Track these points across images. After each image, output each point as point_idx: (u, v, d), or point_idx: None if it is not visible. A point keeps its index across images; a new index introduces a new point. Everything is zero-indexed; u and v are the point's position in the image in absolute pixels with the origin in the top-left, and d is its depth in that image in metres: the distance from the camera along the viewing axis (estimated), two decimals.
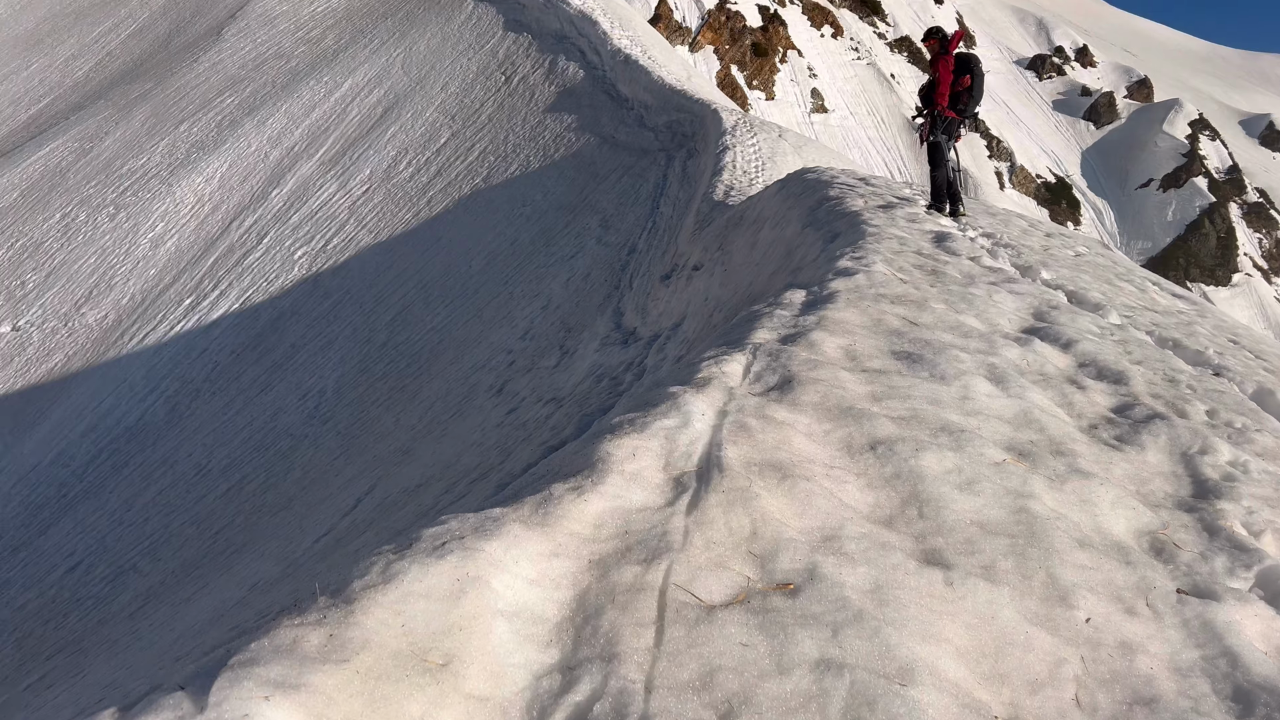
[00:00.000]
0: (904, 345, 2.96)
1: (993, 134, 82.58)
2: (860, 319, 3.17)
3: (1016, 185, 79.65)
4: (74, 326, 13.37)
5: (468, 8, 18.98)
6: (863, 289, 3.57)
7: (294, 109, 17.20)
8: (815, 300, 3.40)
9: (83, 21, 25.25)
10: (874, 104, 77.38)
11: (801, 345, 2.75)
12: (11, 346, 13.52)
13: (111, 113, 18.57)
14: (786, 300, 3.42)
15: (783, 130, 15.59)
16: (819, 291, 3.50)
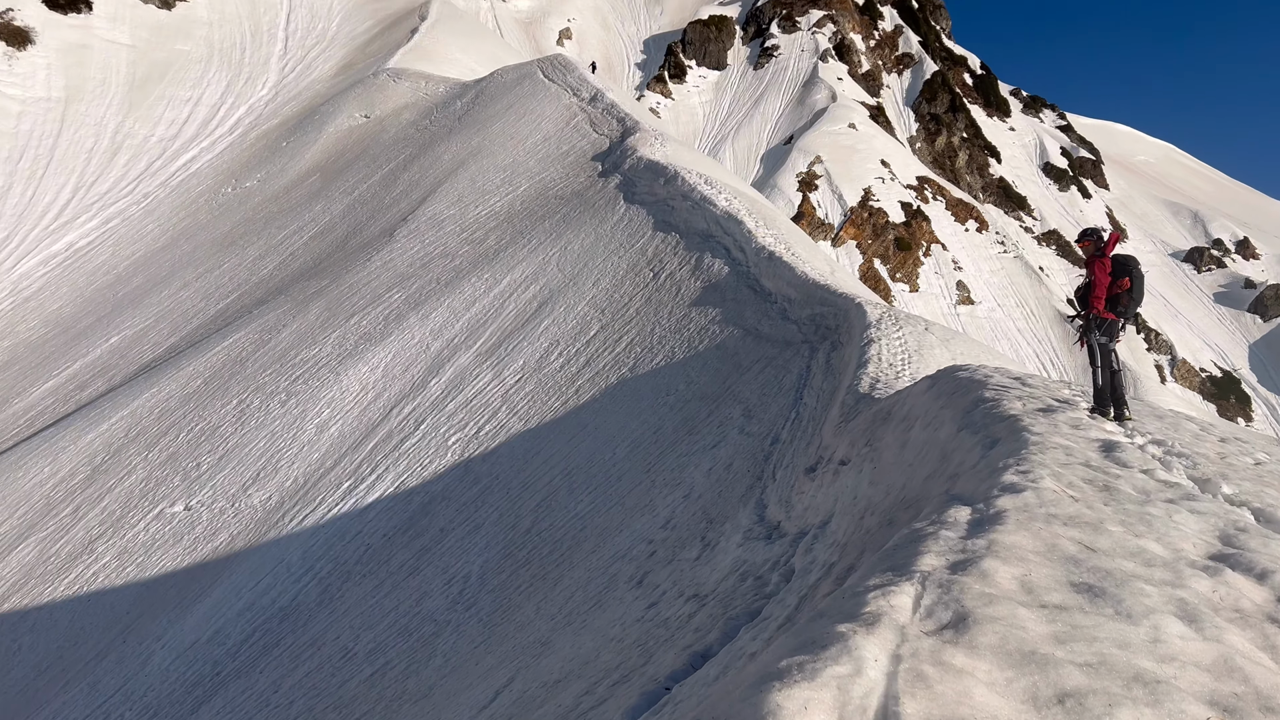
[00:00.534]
0: (1083, 575, 2.80)
1: (1151, 327, 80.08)
2: (1033, 544, 3.04)
3: (1179, 379, 76.41)
4: (240, 507, 14.09)
5: (620, 210, 19.93)
6: (1032, 508, 3.43)
7: (455, 304, 18.19)
8: (982, 520, 3.28)
9: (271, 225, 27.78)
10: (1022, 296, 76.43)
11: (973, 575, 2.64)
12: (182, 525, 14.32)
13: (290, 307, 20.07)
14: (951, 518, 3.32)
15: (929, 323, 15.50)
16: (985, 510, 3.38)
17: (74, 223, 37.70)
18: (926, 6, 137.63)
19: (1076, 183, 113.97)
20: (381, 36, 55.06)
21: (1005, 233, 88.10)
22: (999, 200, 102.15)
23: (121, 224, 37.20)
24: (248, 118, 47.10)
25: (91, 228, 37.30)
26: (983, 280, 77.32)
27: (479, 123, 28.28)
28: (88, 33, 48.08)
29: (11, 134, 40.50)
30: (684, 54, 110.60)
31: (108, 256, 34.09)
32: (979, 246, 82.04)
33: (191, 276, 26.94)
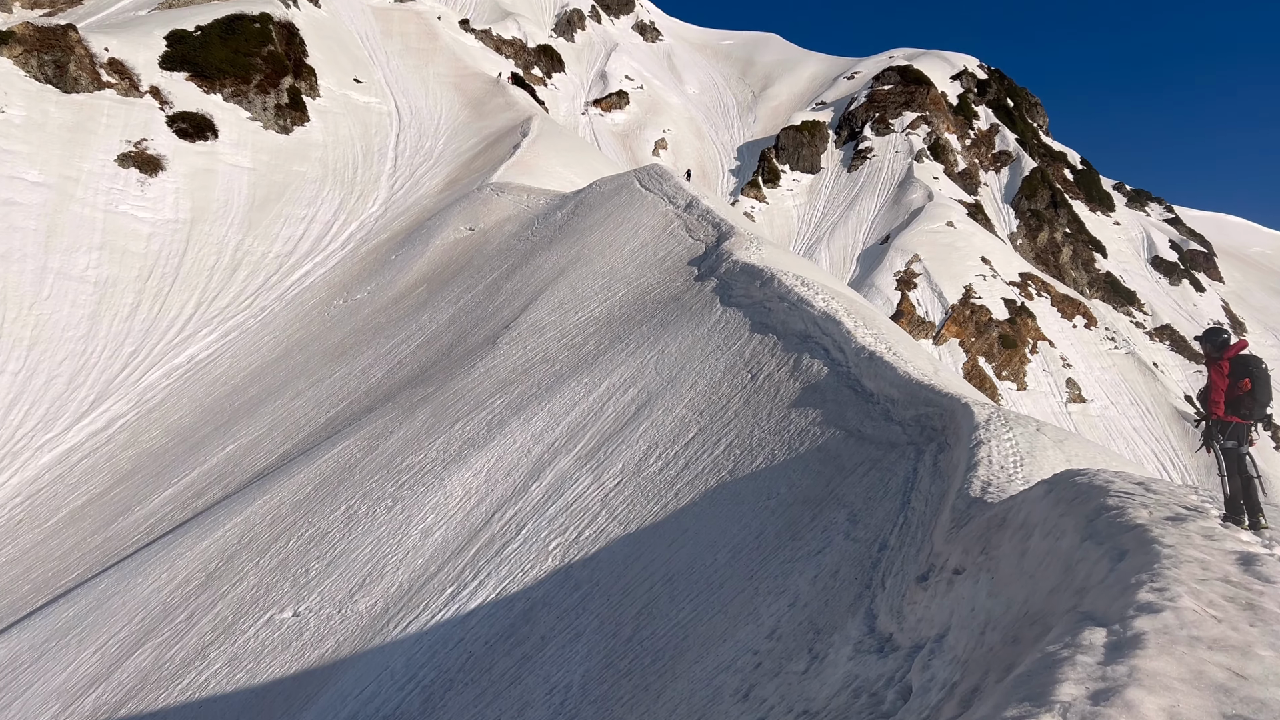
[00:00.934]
0: (1236, 707, 2.59)
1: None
2: (1178, 670, 2.83)
3: None
4: (346, 613, 14.24)
5: (717, 312, 20.01)
6: (1173, 630, 3.21)
7: (556, 408, 18.36)
8: (1120, 643, 3.08)
9: (380, 335, 28.70)
10: (1137, 393, 73.74)
11: (1117, 707, 2.46)
12: (290, 631, 14.51)
13: (398, 414, 20.55)
14: (1085, 640, 3.12)
15: (1040, 423, 14.99)
16: (1122, 632, 3.18)
17: (195, 336, 39.65)
18: (1022, 105, 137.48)
19: (1188, 276, 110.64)
20: (485, 153, 57.37)
21: (1115, 328, 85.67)
22: (1107, 295, 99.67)
23: (239, 336, 38.97)
24: (359, 233, 49.26)
25: (211, 340, 39.15)
26: (1094, 377, 74.95)
27: (578, 232, 28.98)
28: (213, 158, 51.29)
29: (142, 254, 43.10)
30: (777, 159, 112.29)
31: (226, 368, 35.64)
32: (1088, 343, 79.80)
33: (304, 386, 27.91)
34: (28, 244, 39.48)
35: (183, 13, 62.29)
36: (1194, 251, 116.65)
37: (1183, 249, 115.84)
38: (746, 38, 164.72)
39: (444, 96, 72.49)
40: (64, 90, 48.09)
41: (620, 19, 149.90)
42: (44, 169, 43.19)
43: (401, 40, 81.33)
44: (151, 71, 53.26)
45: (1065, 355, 76.28)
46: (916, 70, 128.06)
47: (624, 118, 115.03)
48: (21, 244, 39.29)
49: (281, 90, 59.07)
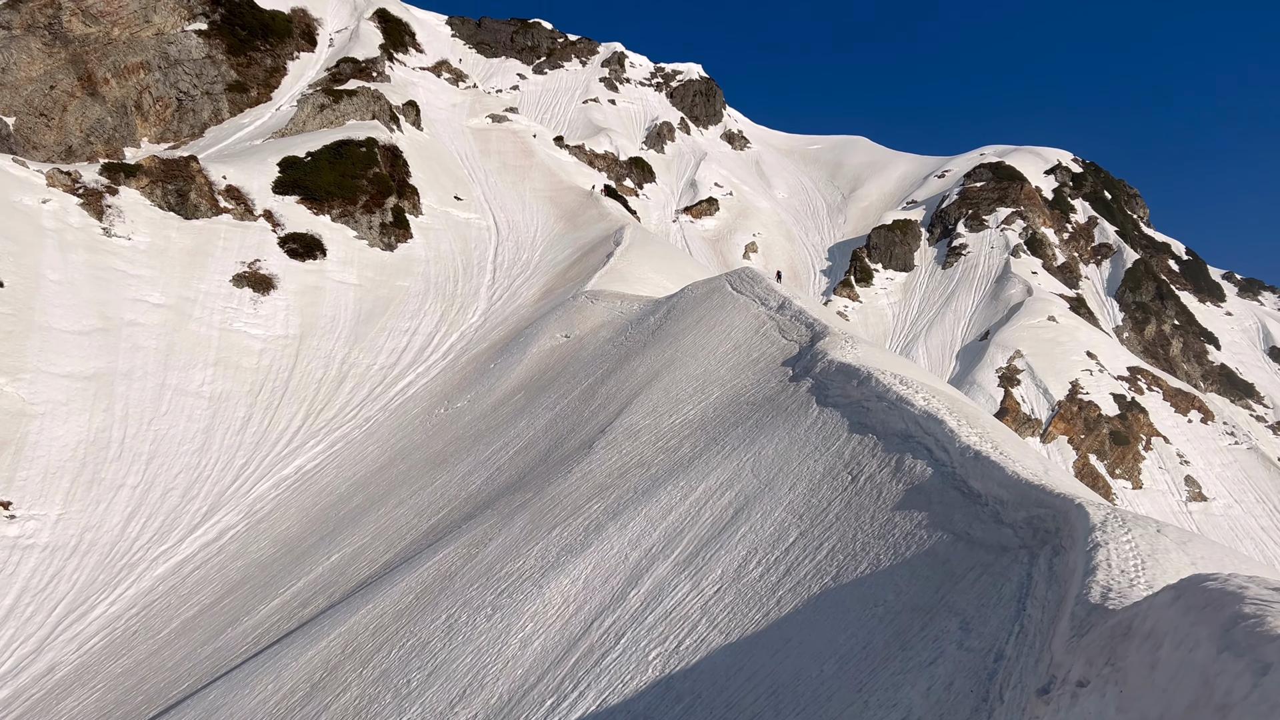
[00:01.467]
0: None
1: None
2: None
3: None
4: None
5: (813, 413, 19.77)
6: None
7: (652, 513, 18.21)
8: None
9: (479, 442, 29.10)
10: (1262, 491, 69.90)
11: None
12: None
13: (496, 520, 20.65)
14: None
15: (1161, 524, 14.21)
16: None
17: (303, 447, 40.83)
18: (1120, 197, 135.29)
19: None
20: (580, 262, 58.70)
21: (1234, 422, 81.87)
22: (1223, 388, 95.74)
23: (345, 447, 39.98)
24: (459, 343, 50.54)
25: (318, 451, 40.24)
26: (1214, 474, 71.42)
27: (671, 336, 29.17)
28: (321, 276, 53.61)
29: (254, 369, 44.91)
30: (869, 258, 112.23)
31: (331, 478, 36.50)
32: (1206, 438, 76.34)
33: (406, 494, 28.34)
34: (149, 362, 41.54)
35: (295, 140, 66.10)
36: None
37: None
38: (834, 141, 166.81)
39: (540, 210, 74.81)
40: (185, 216, 51.15)
41: (709, 129, 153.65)
42: (165, 291, 45.68)
43: (499, 158, 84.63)
44: (265, 196, 56.37)
45: (1182, 451, 73.05)
46: (1009, 166, 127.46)
47: (714, 223, 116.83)
48: (143, 363, 41.36)
49: (386, 209, 61.78)
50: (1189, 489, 68.96)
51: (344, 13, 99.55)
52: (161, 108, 71.95)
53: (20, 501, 33.48)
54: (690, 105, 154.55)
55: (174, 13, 77.11)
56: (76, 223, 45.61)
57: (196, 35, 76.18)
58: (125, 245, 46.65)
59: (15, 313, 38.60)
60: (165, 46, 74.07)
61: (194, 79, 74.07)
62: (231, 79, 76.28)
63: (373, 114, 75.62)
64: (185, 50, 74.80)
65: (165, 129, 71.31)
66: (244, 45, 79.77)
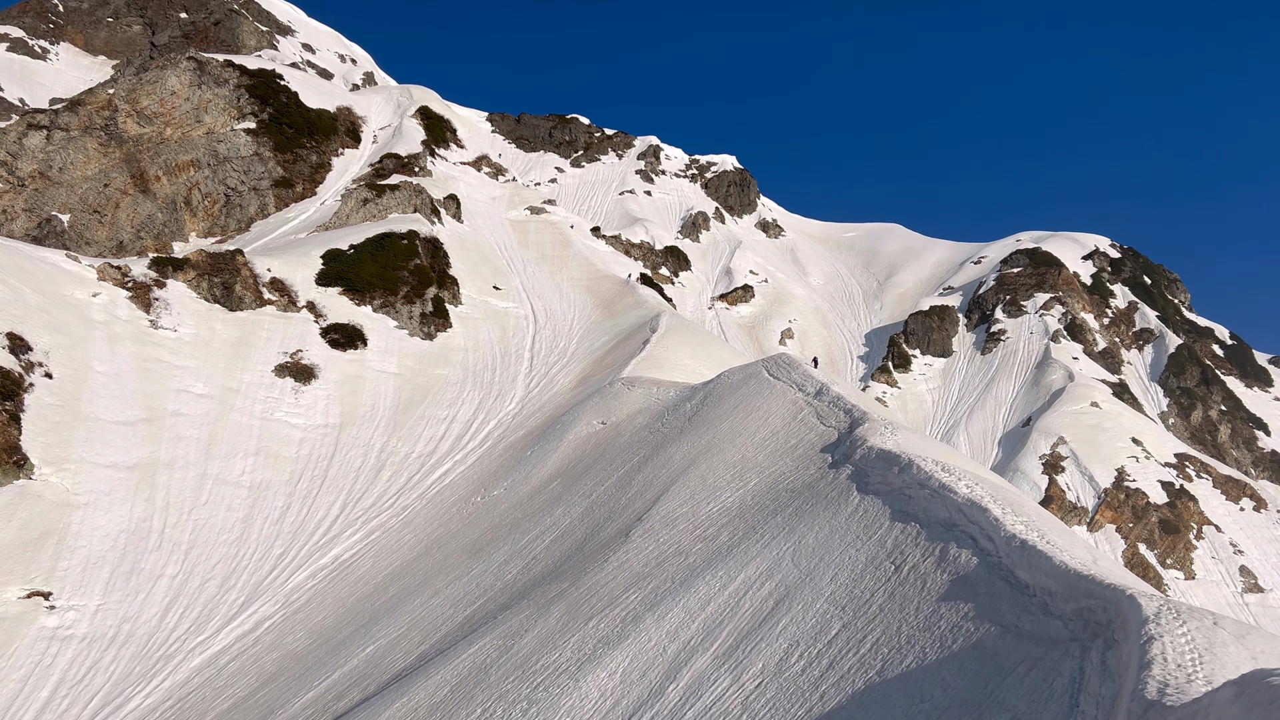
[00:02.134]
0: None
1: None
2: None
3: None
4: None
5: (854, 501, 19.47)
6: None
7: (690, 603, 17.89)
8: None
9: (516, 531, 28.94)
10: None
11: None
12: None
13: (532, 611, 20.38)
14: None
15: (1217, 616, 13.70)
16: None
17: (340, 536, 40.83)
18: (1160, 281, 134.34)
19: None
20: (616, 349, 59.02)
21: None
22: (1275, 475, 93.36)
23: (382, 536, 39.93)
24: (496, 430, 50.68)
25: (355, 540, 40.21)
26: (1270, 564, 69.17)
27: (708, 422, 29.05)
28: (362, 365, 54.29)
29: (293, 458, 45.24)
30: (907, 344, 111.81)
31: (368, 567, 36.37)
32: (1259, 527, 74.19)
33: (442, 584, 28.12)
34: (191, 452, 42.00)
35: (338, 233, 67.71)
36: None
37: None
38: (868, 229, 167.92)
39: (577, 298, 75.63)
40: (229, 309, 52.25)
41: (743, 218, 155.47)
42: (208, 381, 46.42)
43: (537, 248, 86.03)
44: (308, 288, 57.53)
45: (1235, 540, 70.96)
46: (1045, 252, 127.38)
47: (749, 310, 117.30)
48: (185, 452, 41.82)
49: (426, 300, 62.77)
50: (1244, 579, 66.75)
51: (388, 110, 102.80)
52: (210, 203, 74.18)
53: (60, 592, 33.62)
54: (725, 195, 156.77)
55: (224, 112, 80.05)
56: (125, 315, 46.73)
57: (245, 134, 78.87)
58: (171, 337, 47.64)
59: (63, 404, 39.34)
60: (215, 144, 76.72)
61: (242, 175, 76.45)
62: (278, 175, 78.63)
63: (414, 207, 77.41)
64: (234, 148, 77.39)
65: (213, 224, 73.40)
66: (290, 142, 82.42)
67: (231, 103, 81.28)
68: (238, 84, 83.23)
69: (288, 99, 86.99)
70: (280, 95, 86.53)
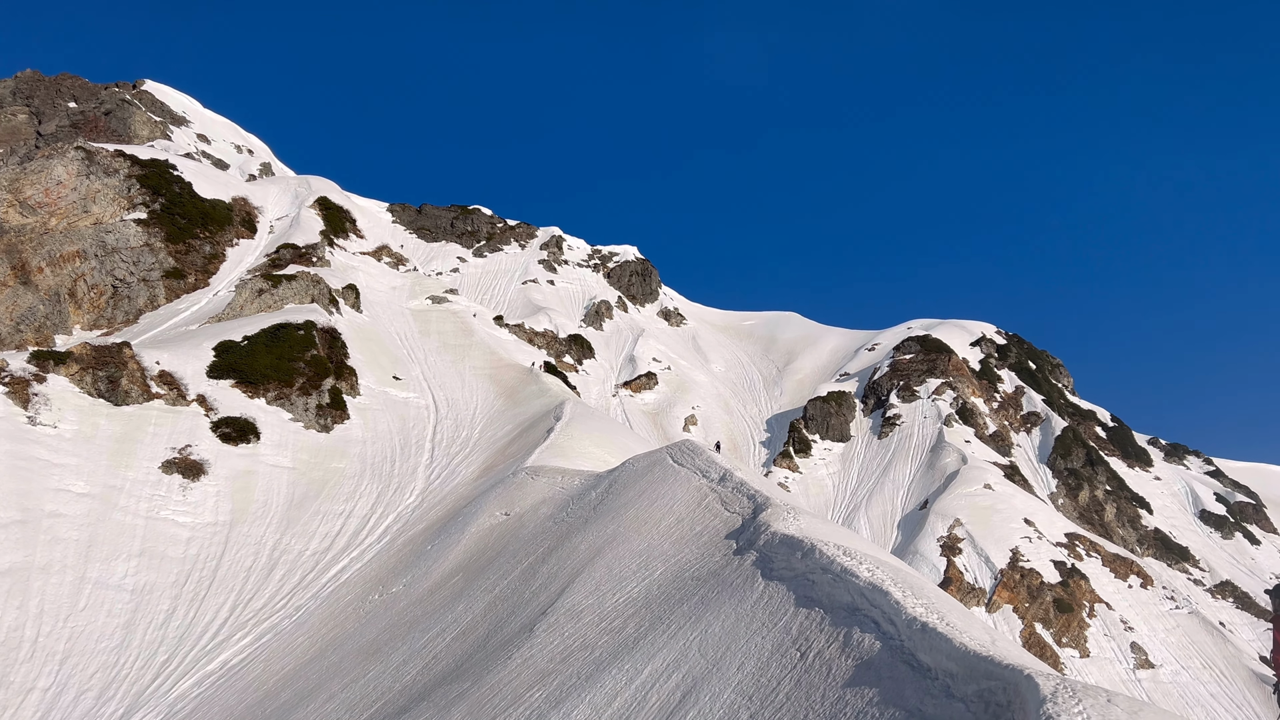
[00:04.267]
0: None
1: None
2: None
3: None
4: None
5: (759, 587, 19.43)
6: None
7: (597, 699, 17.47)
8: None
9: (415, 629, 28.00)
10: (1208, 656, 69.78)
11: None
12: None
13: (432, 714, 19.62)
14: None
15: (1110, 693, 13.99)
16: None
17: (230, 640, 38.88)
18: (1044, 366, 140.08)
19: (1240, 529, 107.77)
20: (520, 438, 58.47)
21: (1174, 587, 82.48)
22: (1159, 553, 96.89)
23: (274, 639, 38.16)
24: (395, 525, 49.38)
25: (246, 644, 38.34)
26: (1159, 640, 71.28)
27: (613, 510, 28.86)
28: (254, 460, 52.53)
29: (180, 559, 43.20)
30: (807, 429, 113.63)
31: (259, 672, 34.64)
32: (1147, 604, 76.58)
33: (337, 688, 26.91)
34: (69, 555, 39.77)
35: (232, 324, 66.08)
36: (1242, 503, 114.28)
37: (1229, 501, 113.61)
38: (767, 317, 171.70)
39: (479, 387, 74.98)
40: (115, 403, 50.21)
41: (646, 307, 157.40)
42: (90, 479, 44.27)
43: (439, 338, 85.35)
44: (199, 381, 55.76)
45: (1125, 618, 73.03)
46: (935, 339, 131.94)
47: (653, 397, 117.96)
48: (62, 555, 39.58)
49: (323, 391, 61.42)
50: (1135, 656, 68.54)
51: (285, 200, 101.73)
52: (96, 295, 71.79)
53: None
54: (627, 284, 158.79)
55: (114, 203, 78.13)
56: (1, 412, 44.45)
57: (135, 224, 77.00)
58: (50, 434, 45.44)
59: None
60: (103, 235, 74.63)
61: (131, 266, 74.36)
62: (169, 266, 76.74)
63: (312, 298, 76.23)
64: (123, 238, 75.39)
65: (99, 316, 70.93)
66: (183, 233, 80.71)
67: (121, 193, 79.45)
68: (128, 174, 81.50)
69: (181, 189, 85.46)
70: (173, 185, 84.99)
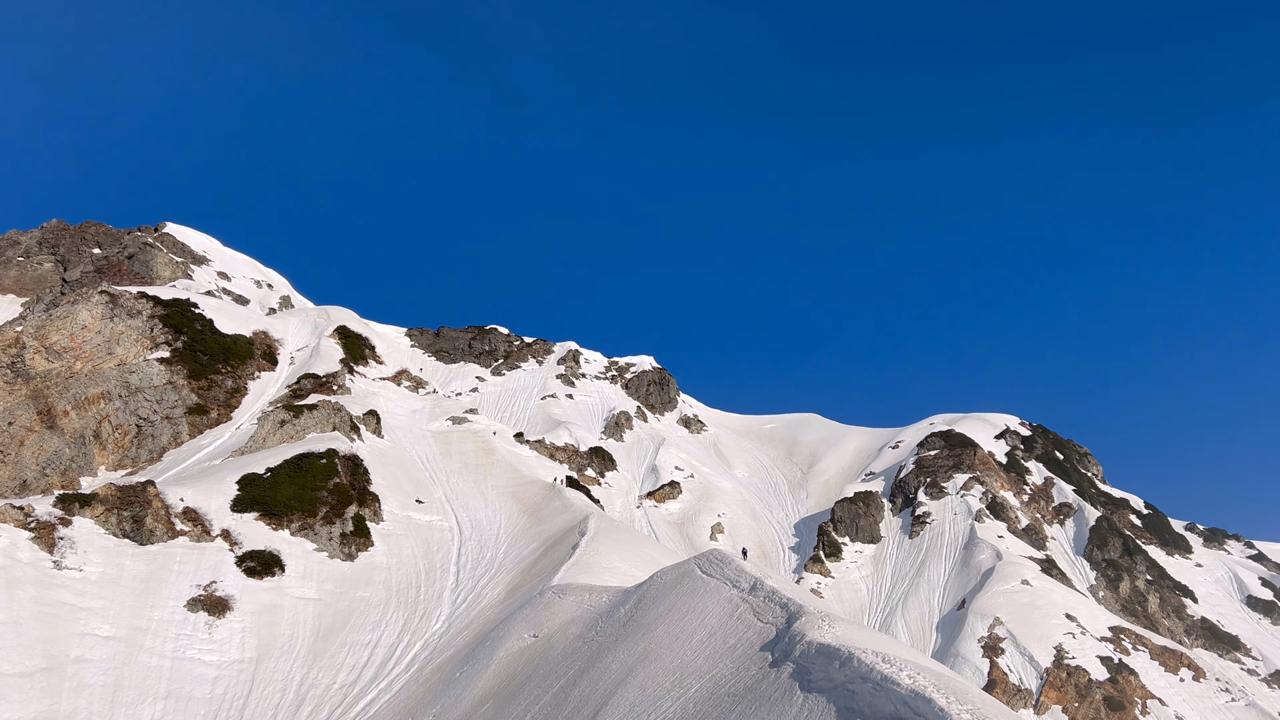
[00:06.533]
0: None
1: None
2: None
3: None
4: None
5: (798, 701, 18.95)
6: None
7: None
8: None
9: None
10: None
11: None
12: None
13: None
14: None
15: None
16: None
17: None
18: (1072, 456, 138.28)
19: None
20: (545, 556, 57.80)
21: (1226, 678, 79.57)
22: (1208, 643, 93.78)
23: None
24: (423, 652, 48.49)
25: None
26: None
27: (644, 626, 28.31)
28: (280, 593, 52.02)
29: (207, 699, 42.41)
30: (836, 531, 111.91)
31: None
32: (1201, 697, 73.77)
33: None
34: (95, 701, 39.12)
35: (255, 457, 66.32)
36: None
37: (1276, 585, 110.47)
38: (787, 420, 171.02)
39: (502, 506, 74.53)
40: (139, 543, 50.09)
41: (665, 416, 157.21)
42: (115, 622, 43.86)
43: (460, 458, 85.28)
44: (223, 515, 55.67)
45: (1180, 714, 70.26)
46: (959, 433, 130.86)
47: (678, 506, 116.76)
48: (89, 702, 38.94)
49: (346, 519, 61.17)
50: None
51: (305, 332, 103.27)
52: (120, 435, 72.42)
53: None
54: (645, 394, 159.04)
55: (136, 343, 79.50)
56: (26, 558, 44.37)
57: (158, 363, 78.18)
58: (76, 577, 45.25)
59: None
60: (127, 376, 75.70)
61: (154, 405, 75.19)
62: (192, 402, 77.55)
63: (333, 425, 76.65)
64: (146, 378, 76.44)
65: (123, 455, 71.39)
66: (205, 369, 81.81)
67: (144, 333, 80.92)
68: (151, 314, 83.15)
69: (202, 326, 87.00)
70: (195, 323, 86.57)
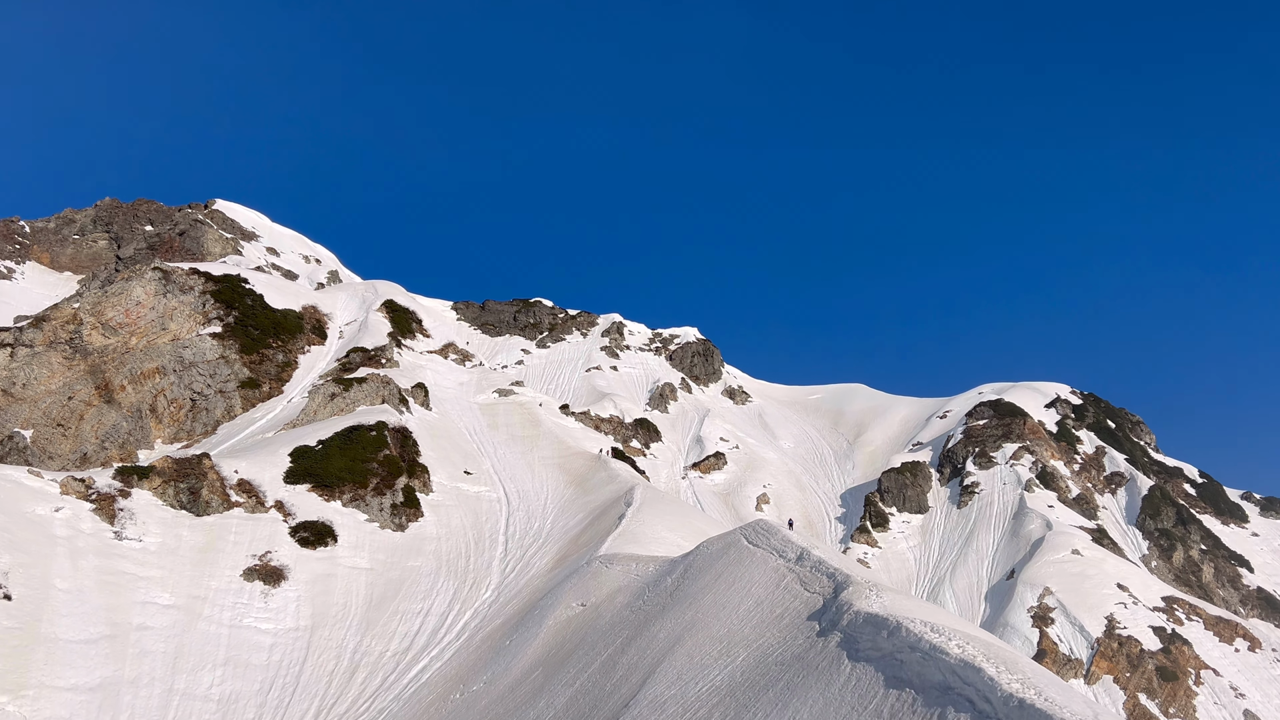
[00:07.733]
0: None
1: None
2: None
3: None
4: None
5: (845, 670, 18.96)
6: None
7: None
8: None
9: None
10: None
11: None
12: None
13: None
14: None
15: None
16: None
17: None
18: (1124, 425, 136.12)
19: None
20: (591, 526, 58.27)
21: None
22: (1265, 613, 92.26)
23: None
24: (473, 621, 49.23)
25: None
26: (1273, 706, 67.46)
27: (690, 596, 28.48)
28: (333, 563, 53.03)
29: (264, 666, 43.48)
30: (883, 502, 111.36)
31: None
32: (1257, 667, 72.70)
33: None
34: (156, 667, 40.26)
35: (306, 430, 67.46)
36: None
37: None
38: (833, 390, 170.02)
39: (549, 477, 75.15)
40: (196, 514, 51.27)
41: (709, 387, 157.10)
42: (174, 591, 45.02)
43: (507, 430, 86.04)
44: (276, 487, 56.77)
45: (1235, 684, 69.32)
46: (1009, 403, 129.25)
47: (723, 477, 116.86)
48: (151, 668, 40.08)
49: (397, 490, 62.08)
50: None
51: (353, 306, 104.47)
52: (176, 409, 73.98)
53: None
54: (690, 366, 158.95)
55: (189, 319, 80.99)
56: (88, 529, 45.65)
57: (211, 338, 79.61)
58: (136, 547, 46.47)
59: (22, 626, 37.82)
60: (181, 350, 77.21)
61: (208, 379, 76.64)
62: (244, 376, 78.92)
63: (382, 398, 77.65)
64: (200, 353, 77.90)
65: (179, 429, 72.96)
66: (256, 344, 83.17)
67: (197, 308, 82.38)
68: (203, 290, 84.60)
69: (253, 301, 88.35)
70: (245, 298, 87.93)
